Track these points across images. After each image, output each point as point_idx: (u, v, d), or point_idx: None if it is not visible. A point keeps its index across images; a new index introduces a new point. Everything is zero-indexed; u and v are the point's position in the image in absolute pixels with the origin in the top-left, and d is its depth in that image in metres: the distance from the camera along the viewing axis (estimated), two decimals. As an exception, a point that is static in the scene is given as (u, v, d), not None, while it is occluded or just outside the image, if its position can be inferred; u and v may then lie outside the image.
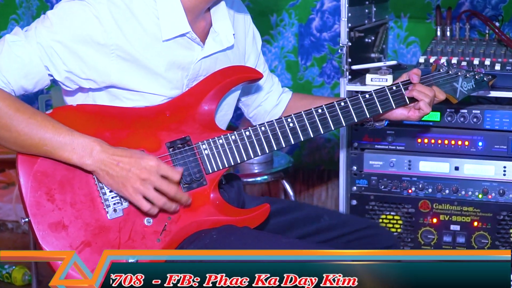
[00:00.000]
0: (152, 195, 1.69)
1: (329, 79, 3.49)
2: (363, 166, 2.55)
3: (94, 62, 1.73)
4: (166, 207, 1.71)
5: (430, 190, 2.50)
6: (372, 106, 1.93)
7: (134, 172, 1.67)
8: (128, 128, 1.76)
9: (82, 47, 1.72)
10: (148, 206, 1.70)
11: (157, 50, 1.78)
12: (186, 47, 1.82)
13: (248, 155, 1.83)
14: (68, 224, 1.68)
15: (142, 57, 1.76)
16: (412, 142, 2.51)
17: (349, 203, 2.57)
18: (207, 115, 1.83)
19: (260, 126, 1.84)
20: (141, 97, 1.79)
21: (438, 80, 2.03)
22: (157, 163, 1.69)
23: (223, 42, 1.88)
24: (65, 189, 1.70)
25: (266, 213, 1.86)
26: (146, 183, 1.68)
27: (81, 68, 1.74)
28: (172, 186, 1.70)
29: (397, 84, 1.97)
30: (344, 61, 2.47)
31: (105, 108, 1.78)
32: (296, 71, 3.51)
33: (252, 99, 2.10)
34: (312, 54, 3.47)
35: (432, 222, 2.50)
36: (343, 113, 1.90)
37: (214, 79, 1.85)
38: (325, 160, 3.57)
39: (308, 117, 1.87)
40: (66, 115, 1.74)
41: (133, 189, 1.67)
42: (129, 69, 1.75)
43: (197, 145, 1.81)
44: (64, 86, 1.79)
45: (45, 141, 1.66)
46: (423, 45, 3.17)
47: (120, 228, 1.71)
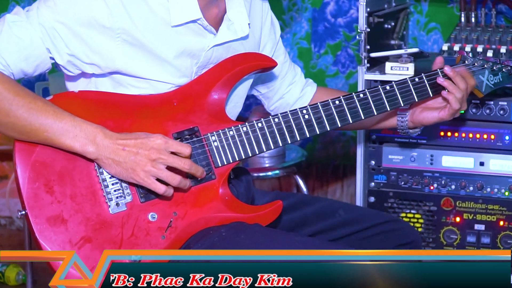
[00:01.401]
0: (166, 175, 1.68)
1: (344, 68, 3.49)
2: (382, 161, 2.55)
3: (98, 46, 1.73)
4: (182, 185, 1.71)
5: (453, 187, 2.49)
6: (392, 99, 1.92)
7: (142, 154, 1.67)
8: (132, 117, 1.76)
9: (86, 30, 1.72)
10: (164, 187, 1.69)
11: (166, 35, 1.78)
12: (197, 33, 1.82)
13: (260, 148, 1.83)
14: (68, 218, 1.68)
15: (149, 43, 1.76)
16: (434, 135, 2.50)
17: (366, 201, 2.57)
18: (217, 105, 1.83)
19: (274, 118, 1.84)
20: (147, 84, 1.79)
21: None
22: (165, 140, 1.69)
23: (237, 31, 1.87)
24: (64, 181, 1.70)
25: (278, 210, 1.86)
26: (157, 163, 1.67)
27: (85, 52, 1.74)
28: (186, 160, 1.70)
29: (420, 75, 1.96)
30: (362, 48, 2.46)
31: (108, 96, 1.78)
32: (309, 59, 3.51)
33: (273, 91, 2.10)
34: (326, 41, 3.47)
35: (455, 221, 2.50)
36: (362, 105, 1.89)
37: (225, 66, 1.85)
38: (340, 154, 3.57)
39: (325, 108, 1.86)
40: (67, 101, 1.74)
41: (144, 173, 1.67)
42: (135, 55, 1.75)
43: (206, 137, 1.80)
44: (66, 70, 1.79)
45: (46, 127, 1.66)
46: (445, 32, 3.17)
47: (122, 223, 1.71)
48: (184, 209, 1.76)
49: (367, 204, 2.56)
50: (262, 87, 2.09)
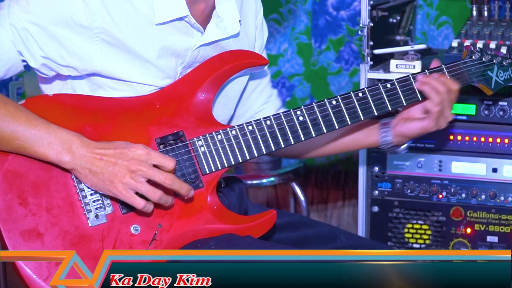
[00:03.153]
0: (146, 189, 1.68)
1: (347, 65, 3.50)
2: (386, 167, 2.56)
3: (75, 47, 1.74)
4: (163, 201, 1.71)
5: (463, 195, 2.51)
6: (394, 97, 1.93)
7: (121, 164, 1.67)
8: (112, 121, 1.77)
9: (62, 30, 1.73)
10: (143, 202, 1.69)
11: (148, 34, 1.78)
12: (183, 32, 1.83)
13: (251, 153, 1.83)
14: (44, 232, 1.69)
15: (130, 42, 1.77)
16: (443, 139, 2.51)
17: (369, 210, 2.58)
18: (204, 107, 1.84)
19: (265, 120, 1.84)
20: (127, 86, 1.79)
21: (470, 68, 2.04)
22: (146, 150, 1.69)
23: (227, 29, 1.88)
24: (40, 192, 1.71)
25: (272, 220, 1.86)
26: (137, 176, 1.68)
27: (60, 54, 1.75)
28: (168, 175, 1.70)
29: (423, 72, 1.97)
30: (365, 45, 2.47)
31: (86, 99, 1.78)
32: (309, 56, 3.51)
33: (244, 108, 2.08)
34: (327, 35, 3.47)
35: (465, 233, 2.51)
36: (361, 104, 1.90)
37: (212, 65, 1.86)
38: (341, 159, 3.58)
39: (321, 109, 1.87)
40: (41, 106, 1.74)
41: (122, 185, 1.67)
42: (115, 55, 1.76)
43: (192, 141, 1.81)
44: (39, 73, 1.80)
45: (18, 134, 1.66)
46: (457, 26, 3.17)
47: (103, 237, 1.72)
48: (169, 221, 1.77)
49: (370, 214, 2.57)
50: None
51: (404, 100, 1.94)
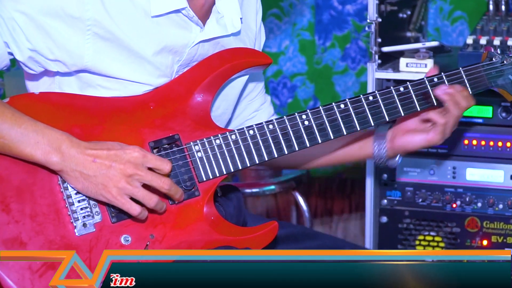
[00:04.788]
0: (142, 194, 1.70)
1: (354, 64, 3.50)
2: (396, 174, 2.58)
3: (65, 40, 1.75)
4: (158, 207, 1.73)
5: (479, 205, 2.52)
6: (407, 102, 1.93)
7: (116, 168, 1.68)
8: (102, 123, 1.78)
9: (51, 21, 1.74)
10: (139, 209, 1.71)
11: (144, 28, 1.80)
12: (181, 26, 1.84)
13: (252, 159, 1.84)
14: (27, 241, 1.70)
15: (125, 36, 1.78)
16: (457, 144, 2.53)
17: (377, 221, 2.59)
18: (201, 109, 1.84)
19: (267, 124, 1.85)
20: (119, 85, 1.80)
21: (490, 72, 2.03)
22: (142, 153, 1.70)
23: (227, 26, 1.89)
24: (23, 198, 1.71)
25: (273, 232, 1.87)
26: (133, 180, 1.69)
27: (49, 47, 1.76)
28: (165, 179, 1.71)
29: (439, 75, 1.97)
30: (373, 42, 2.49)
31: (75, 98, 1.78)
32: (312, 53, 3.52)
33: (235, 114, 2.08)
34: (332, 32, 3.48)
35: (481, 245, 2.52)
36: (371, 109, 1.90)
37: (210, 64, 1.86)
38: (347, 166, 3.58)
39: (328, 113, 1.87)
40: (26, 104, 1.75)
41: (117, 190, 1.69)
42: (108, 51, 1.77)
43: (188, 146, 1.82)
44: (26, 68, 1.81)
45: (2, 132, 1.67)
46: (472, 21, 3.18)
47: (90, 247, 1.73)
48: (162, 231, 1.78)
49: (378, 225, 2.59)
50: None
51: (418, 105, 1.94)
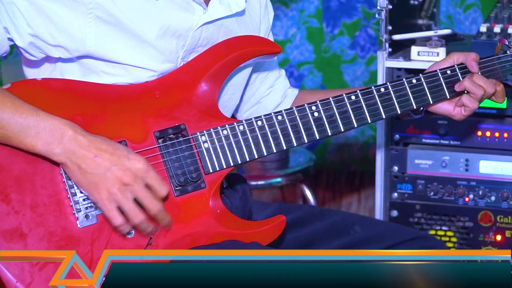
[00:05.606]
0: (130, 208, 1.69)
1: (363, 52, 3.50)
2: (407, 167, 2.58)
3: (67, 24, 1.75)
4: (142, 227, 1.72)
5: (493, 198, 2.53)
6: (420, 95, 1.94)
7: (115, 172, 1.68)
8: (105, 111, 1.78)
9: (52, 5, 1.74)
10: (121, 220, 1.70)
11: (147, 11, 1.80)
12: (184, 8, 1.84)
13: (260, 151, 1.85)
14: (27, 233, 1.70)
15: (127, 20, 1.78)
16: (470, 135, 2.53)
17: (387, 215, 2.60)
18: (208, 99, 1.85)
19: (276, 115, 1.85)
20: (123, 71, 1.80)
21: (504, 64, 2.04)
22: (146, 167, 1.70)
23: (231, 5, 1.90)
24: (24, 188, 1.71)
25: (281, 227, 1.88)
26: (126, 190, 1.69)
27: (50, 32, 1.76)
28: (157, 203, 1.71)
29: (452, 67, 1.99)
30: (383, 29, 2.50)
31: (77, 85, 1.79)
32: (320, 41, 3.52)
33: (249, 93, 2.10)
34: (341, 19, 3.48)
35: (495, 240, 2.52)
36: (383, 101, 1.92)
37: (218, 52, 1.87)
38: (356, 158, 3.58)
39: (338, 105, 1.88)
40: (28, 91, 1.74)
41: (108, 194, 1.69)
42: (111, 35, 1.78)
43: (195, 136, 1.82)
44: (27, 54, 1.81)
45: (2, 122, 1.67)
46: (485, 9, 3.19)
47: (92, 240, 1.74)
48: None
49: (388, 219, 2.59)
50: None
51: (430, 97, 1.95)
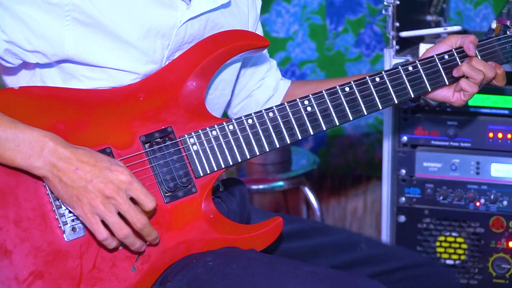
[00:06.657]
0: (113, 221, 1.68)
1: (369, 50, 3.52)
2: (415, 170, 2.58)
3: (43, 29, 1.74)
4: (127, 241, 1.70)
5: (505, 203, 2.52)
6: (417, 82, 1.95)
7: (96, 184, 1.67)
8: (88, 117, 1.77)
9: (27, 9, 1.73)
10: (106, 234, 1.68)
11: (127, 10, 1.79)
12: (166, 5, 1.83)
13: (252, 151, 1.84)
14: (12, 249, 1.69)
15: (107, 20, 1.77)
16: (481, 136, 2.52)
17: (395, 220, 2.59)
18: (195, 98, 1.84)
19: (267, 112, 1.85)
20: (105, 74, 1.80)
21: (505, 46, 2.04)
22: (130, 179, 1.68)
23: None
24: (6, 202, 1.70)
25: (278, 229, 1.87)
26: (109, 203, 1.67)
27: (26, 37, 1.75)
28: (142, 217, 1.69)
29: (450, 52, 1.99)
30: (390, 26, 2.49)
31: (57, 91, 1.78)
32: (323, 39, 3.53)
33: (239, 86, 2.11)
34: (345, 15, 3.49)
35: (507, 247, 2.52)
36: (379, 91, 1.91)
37: (203, 48, 1.86)
38: (362, 161, 3.59)
39: (332, 98, 1.88)
40: (6, 101, 1.74)
41: (90, 207, 1.67)
42: (90, 37, 1.77)
43: (183, 139, 1.81)
44: (3, 61, 1.80)
45: None
46: (497, 5, 3.19)
47: (81, 253, 1.72)
48: (158, 232, 1.76)
49: (396, 224, 2.58)
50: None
51: (428, 84, 1.95)
